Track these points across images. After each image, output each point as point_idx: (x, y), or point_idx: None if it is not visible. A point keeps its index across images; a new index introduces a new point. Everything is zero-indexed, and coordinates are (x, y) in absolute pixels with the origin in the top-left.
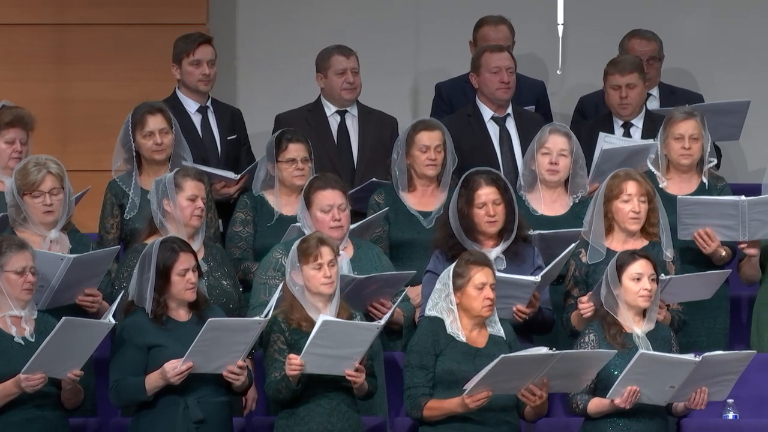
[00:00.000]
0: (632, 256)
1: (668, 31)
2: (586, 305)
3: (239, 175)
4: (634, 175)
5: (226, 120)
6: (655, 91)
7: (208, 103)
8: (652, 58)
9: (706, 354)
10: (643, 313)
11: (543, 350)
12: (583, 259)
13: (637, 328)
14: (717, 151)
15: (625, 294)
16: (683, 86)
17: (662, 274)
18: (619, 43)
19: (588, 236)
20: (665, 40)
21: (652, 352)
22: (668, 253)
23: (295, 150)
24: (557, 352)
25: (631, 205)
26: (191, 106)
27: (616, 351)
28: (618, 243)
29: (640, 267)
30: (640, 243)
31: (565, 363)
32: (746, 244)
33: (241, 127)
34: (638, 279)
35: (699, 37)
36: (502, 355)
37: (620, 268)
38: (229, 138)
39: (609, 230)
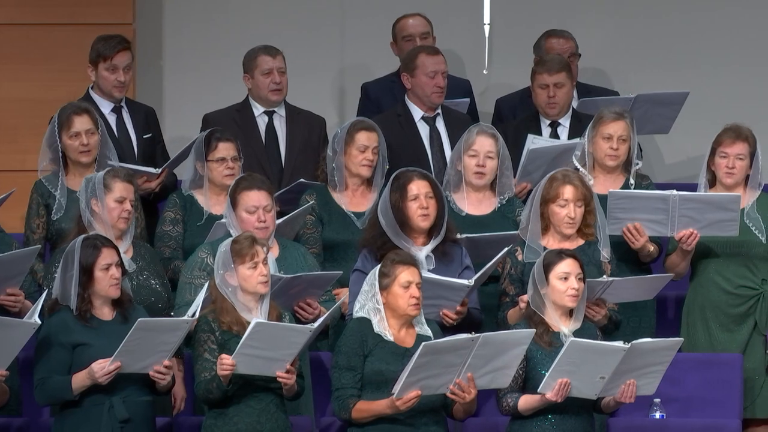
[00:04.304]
0: (559, 255)
1: (588, 31)
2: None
3: (160, 170)
4: (572, 178)
5: (140, 119)
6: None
7: (122, 103)
8: (572, 55)
9: (635, 341)
10: (570, 312)
11: (464, 336)
12: (519, 258)
13: (564, 327)
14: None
15: (552, 293)
16: (601, 85)
17: (603, 276)
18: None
19: (525, 235)
20: (591, 40)
21: (582, 339)
22: (605, 253)
23: (225, 149)
24: (478, 335)
25: (567, 210)
26: (105, 106)
27: (535, 330)
28: (554, 242)
29: (567, 266)
30: (576, 242)
31: (487, 348)
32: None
33: (155, 125)
34: (566, 278)
35: (623, 36)
36: (424, 343)
37: (547, 267)
38: (144, 137)
39: (545, 230)
